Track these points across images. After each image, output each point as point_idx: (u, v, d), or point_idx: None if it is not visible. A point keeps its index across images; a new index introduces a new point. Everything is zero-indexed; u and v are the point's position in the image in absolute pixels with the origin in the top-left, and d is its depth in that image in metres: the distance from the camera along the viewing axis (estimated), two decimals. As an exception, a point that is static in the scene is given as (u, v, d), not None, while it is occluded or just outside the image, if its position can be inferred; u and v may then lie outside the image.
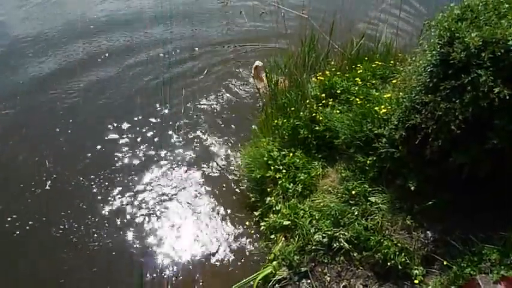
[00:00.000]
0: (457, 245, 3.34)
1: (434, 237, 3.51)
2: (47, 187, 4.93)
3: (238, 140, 5.39)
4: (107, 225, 4.52)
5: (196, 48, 7.07)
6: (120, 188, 4.90)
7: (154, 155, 5.29)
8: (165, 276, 4.06)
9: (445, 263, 3.31)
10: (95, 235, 4.43)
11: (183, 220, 4.57)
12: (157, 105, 6.00)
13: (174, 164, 5.17)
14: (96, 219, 4.58)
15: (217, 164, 5.14)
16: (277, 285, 3.79)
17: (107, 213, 4.65)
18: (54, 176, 5.05)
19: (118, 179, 5.01)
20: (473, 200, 3.43)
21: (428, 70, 3.19)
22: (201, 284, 3.98)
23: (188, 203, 4.74)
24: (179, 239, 4.39)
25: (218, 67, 6.71)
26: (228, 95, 6.17)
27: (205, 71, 6.59)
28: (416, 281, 3.39)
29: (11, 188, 4.94)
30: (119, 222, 4.55)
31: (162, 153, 5.31)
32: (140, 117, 5.81)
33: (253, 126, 5.29)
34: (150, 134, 5.59)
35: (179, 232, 4.46)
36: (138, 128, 5.67)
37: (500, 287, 2.84)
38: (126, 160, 5.25)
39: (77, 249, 4.30)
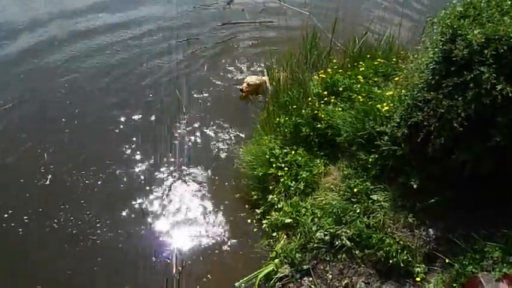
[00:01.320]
0: (459, 243, 3.33)
1: (437, 235, 3.50)
2: (47, 181, 4.93)
3: (240, 138, 5.40)
4: (108, 220, 4.52)
5: (201, 47, 7.08)
6: (122, 184, 4.91)
7: (154, 151, 5.29)
8: (168, 273, 4.06)
9: (447, 260, 3.31)
10: (97, 229, 4.43)
11: (184, 217, 4.58)
12: (160, 98, 6.05)
13: (175, 161, 5.17)
14: (97, 213, 4.58)
15: (219, 162, 5.14)
16: (279, 282, 3.80)
17: (108, 208, 4.65)
18: (53, 169, 5.07)
19: (119, 173, 5.03)
20: (476, 197, 3.42)
21: (431, 67, 3.18)
22: (203, 281, 3.99)
23: (189, 199, 4.74)
24: (180, 236, 4.39)
25: (220, 63, 6.73)
26: (228, 91, 6.18)
27: (206, 67, 6.60)
28: (418, 279, 3.39)
29: (12, 182, 4.95)
30: (121, 218, 4.56)
31: (163, 149, 5.31)
32: (144, 110, 5.86)
33: (255, 124, 5.29)
34: (151, 128, 5.61)
35: (180, 229, 4.46)
36: (141, 122, 5.71)
37: (502, 285, 2.83)
38: (127, 154, 5.25)
39: (78, 243, 4.32)
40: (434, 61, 3.14)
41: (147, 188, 4.87)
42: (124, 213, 4.61)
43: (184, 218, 4.57)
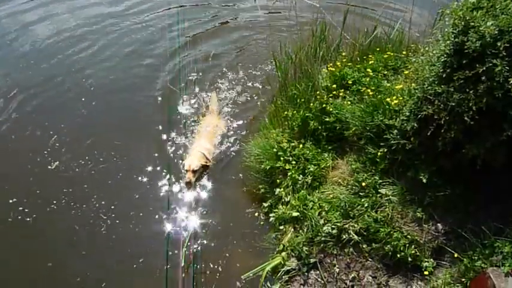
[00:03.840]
0: (469, 237, 3.30)
1: (445, 230, 3.48)
2: (53, 166, 4.97)
3: (248, 131, 5.38)
4: (112, 207, 4.55)
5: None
6: (126, 171, 4.93)
7: (163, 141, 5.32)
8: (175, 265, 4.10)
9: (455, 255, 3.28)
10: (99, 218, 4.45)
11: (191, 209, 4.58)
12: (162, 84, 6.15)
13: (183, 152, 5.18)
14: (101, 200, 4.62)
15: (227, 155, 5.15)
16: (285, 275, 3.81)
17: (113, 194, 4.68)
18: (58, 153, 5.13)
19: (125, 159, 5.07)
20: (486, 191, 3.38)
21: (442, 60, 3.14)
22: (210, 273, 4.00)
23: (197, 191, 4.75)
24: (187, 228, 4.39)
25: (228, 54, 6.76)
26: (234, 84, 6.19)
27: (211, 56, 6.62)
28: (426, 273, 3.38)
29: (17, 166, 5.01)
30: (125, 206, 4.57)
31: (171, 139, 5.33)
32: (150, 98, 5.95)
33: (263, 117, 5.28)
34: (157, 117, 5.66)
35: (187, 220, 4.47)
36: (147, 108, 5.78)
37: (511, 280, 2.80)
38: (135, 142, 5.28)
39: (80, 230, 4.35)
40: (446, 54, 3.10)
41: (154, 176, 4.87)
42: (129, 202, 4.61)
43: (191, 210, 4.58)
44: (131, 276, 4.00)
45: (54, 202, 4.58)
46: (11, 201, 4.60)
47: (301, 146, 4.41)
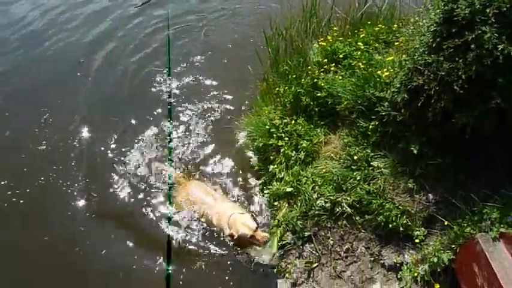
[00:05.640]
0: (459, 205, 3.35)
1: (436, 199, 3.53)
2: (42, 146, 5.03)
3: (240, 109, 5.36)
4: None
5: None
6: (117, 149, 4.99)
7: (151, 116, 5.40)
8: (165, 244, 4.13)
9: (446, 223, 3.35)
10: (89, 196, 4.53)
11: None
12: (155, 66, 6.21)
13: (177, 133, 5.20)
14: (86, 179, 4.68)
15: (220, 134, 5.14)
16: (281, 249, 3.87)
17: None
18: (49, 132, 5.20)
19: (116, 138, 5.14)
20: (475, 158, 3.41)
21: (432, 29, 3.11)
22: (206, 252, 4.05)
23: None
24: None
25: (218, 30, 6.81)
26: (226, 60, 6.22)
27: (203, 33, 6.54)
28: (417, 241, 3.45)
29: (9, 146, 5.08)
30: (113, 185, 4.64)
31: (166, 123, 5.35)
32: (146, 81, 6.00)
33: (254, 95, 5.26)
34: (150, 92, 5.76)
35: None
36: (142, 91, 5.86)
37: (499, 244, 2.87)
38: (132, 123, 5.34)
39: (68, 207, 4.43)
40: (436, 23, 3.06)
41: (145, 155, 4.92)
42: (118, 180, 4.66)
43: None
44: (129, 251, 4.07)
45: (42, 179, 4.63)
46: (3, 182, 4.63)
47: (293, 122, 4.42)
